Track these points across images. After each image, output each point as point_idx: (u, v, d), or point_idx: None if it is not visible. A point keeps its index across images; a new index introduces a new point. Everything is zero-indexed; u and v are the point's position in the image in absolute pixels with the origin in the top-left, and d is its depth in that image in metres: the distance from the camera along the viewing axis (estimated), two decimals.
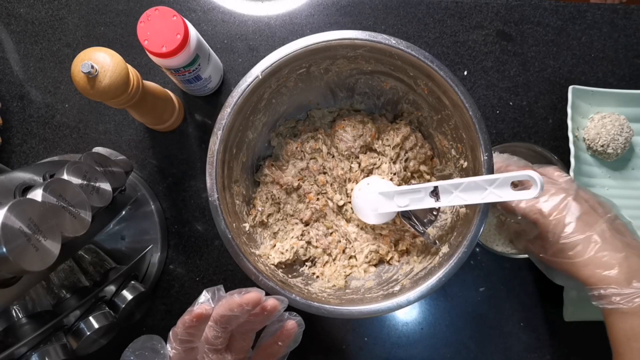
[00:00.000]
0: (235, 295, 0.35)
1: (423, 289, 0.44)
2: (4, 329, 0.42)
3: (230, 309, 0.35)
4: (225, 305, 0.35)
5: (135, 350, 0.36)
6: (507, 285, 0.59)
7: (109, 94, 0.42)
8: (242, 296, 0.35)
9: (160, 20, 0.46)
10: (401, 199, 0.48)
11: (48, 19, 0.62)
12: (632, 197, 0.59)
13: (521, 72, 0.62)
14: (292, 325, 0.39)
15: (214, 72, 0.56)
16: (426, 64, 0.45)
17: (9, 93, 0.61)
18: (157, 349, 0.36)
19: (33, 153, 0.60)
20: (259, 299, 0.35)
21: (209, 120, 0.61)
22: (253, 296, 0.35)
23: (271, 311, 0.36)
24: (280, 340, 0.39)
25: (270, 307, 0.36)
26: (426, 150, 0.55)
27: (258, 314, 0.36)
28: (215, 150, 0.45)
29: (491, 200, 0.41)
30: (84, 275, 0.51)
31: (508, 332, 0.58)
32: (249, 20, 0.62)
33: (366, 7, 0.62)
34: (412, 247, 0.54)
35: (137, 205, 0.57)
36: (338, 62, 0.49)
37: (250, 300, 0.35)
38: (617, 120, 0.57)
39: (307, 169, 0.55)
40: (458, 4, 0.62)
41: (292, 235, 0.54)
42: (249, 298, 0.35)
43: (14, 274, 0.33)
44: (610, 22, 0.62)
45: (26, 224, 0.30)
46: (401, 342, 0.58)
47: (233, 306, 0.35)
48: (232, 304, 0.35)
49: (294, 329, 0.39)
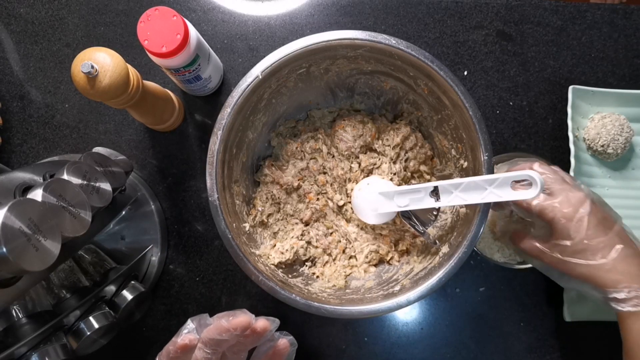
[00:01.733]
0: (223, 321, 0.35)
1: (423, 289, 0.44)
2: (4, 329, 0.42)
3: (218, 333, 0.34)
4: (213, 330, 0.34)
5: None
6: (507, 285, 0.59)
7: (109, 94, 0.42)
8: (230, 322, 0.34)
9: (160, 20, 0.46)
10: (401, 199, 0.48)
11: (48, 19, 0.62)
12: (632, 197, 0.59)
13: (521, 72, 0.62)
14: (285, 344, 0.38)
15: (214, 72, 0.56)
16: (426, 64, 0.45)
17: (9, 93, 0.61)
18: None
19: (33, 153, 0.60)
20: (247, 322, 0.35)
21: (209, 120, 0.61)
22: (241, 321, 0.34)
23: (261, 333, 0.36)
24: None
25: (261, 329, 0.36)
26: (426, 150, 0.55)
27: (248, 335, 0.36)
28: (215, 150, 0.45)
29: (491, 200, 0.41)
30: (84, 275, 0.51)
31: (508, 332, 0.58)
32: (249, 20, 0.62)
33: (366, 7, 0.62)
34: (412, 247, 0.54)
35: (137, 205, 0.57)
36: (338, 62, 0.49)
37: (239, 325, 0.34)
38: (617, 120, 0.57)
39: (307, 169, 0.55)
40: (458, 4, 0.62)
41: (292, 235, 0.54)
42: (237, 323, 0.34)
43: (14, 274, 0.33)
44: (610, 22, 0.62)
45: (26, 224, 0.30)
46: (401, 342, 0.58)
47: (221, 331, 0.34)
48: (220, 329, 0.34)
49: (286, 349, 0.39)
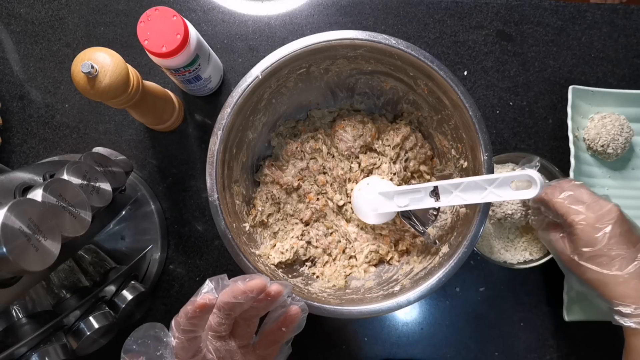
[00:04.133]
0: (239, 283, 0.35)
1: (423, 289, 0.44)
2: (4, 329, 0.42)
3: (234, 296, 0.34)
4: (229, 293, 0.35)
5: (137, 339, 0.35)
6: (507, 285, 0.59)
7: (109, 94, 0.42)
8: (246, 283, 0.34)
9: (160, 20, 0.46)
10: (401, 199, 0.48)
11: (48, 19, 0.62)
12: (632, 197, 0.59)
13: (521, 72, 0.62)
14: (296, 310, 0.39)
15: (214, 72, 0.56)
16: (426, 64, 0.45)
17: (9, 93, 0.61)
18: (159, 337, 0.35)
19: (33, 153, 0.60)
20: (263, 285, 0.35)
21: (209, 120, 0.61)
22: (257, 283, 0.34)
23: (275, 297, 0.36)
24: (284, 326, 0.39)
25: (275, 292, 0.36)
26: (426, 150, 0.55)
27: (262, 299, 0.36)
28: (215, 150, 0.45)
29: (491, 200, 0.41)
30: (84, 275, 0.51)
31: (508, 332, 0.58)
32: (249, 20, 0.62)
33: (366, 7, 0.62)
34: (412, 247, 0.54)
35: (137, 205, 0.57)
36: (338, 62, 0.49)
37: (255, 287, 0.34)
38: (617, 120, 0.57)
39: (307, 169, 0.55)
40: (458, 4, 0.62)
41: (292, 235, 0.54)
42: (253, 285, 0.34)
43: (14, 274, 0.33)
44: (610, 22, 0.62)
45: (26, 224, 0.30)
46: (401, 342, 0.58)
47: (237, 293, 0.34)
48: (236, 291, 0.34)
49: (297, 315, 0.39)
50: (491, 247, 0.56)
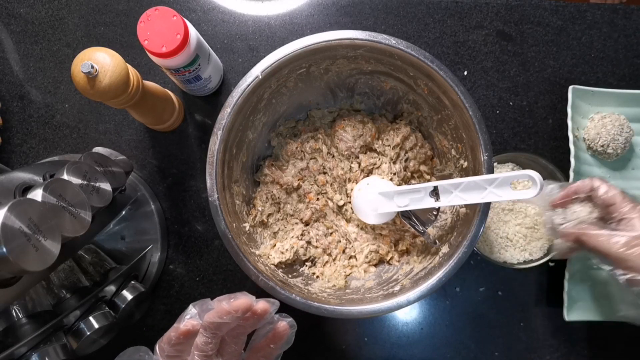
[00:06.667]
0: (224, 303, 0.34)
1: (423, 289, 0.44)
2: (4, 329, 0.42)
3: (219, 316, 0.34)
4: (214, 314, 0.34)
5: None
6: (507, 285, 0.59)
7: (109, 94, 0.42)
8: (231, 303, 0.34)
9: (160, 20, 0.46)
10: (401, 199, 0.48)
11: (48, 19, 0.62)
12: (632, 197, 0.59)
13: (521, 72, 0.62)
14: (284, 326, 0.38)
15: (214, 72, 0.56)
16: (426, 64, 0.45)
17: (9, 93, 0.61)
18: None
19: (33, 153, 0.60)
20: (249, 304, 0.34)
21: (209, 120, 0.61)
22: (242, 302, 0.34)
23: (262, 315, 0.36)
24: (273, 343, 0.38)
25: (261, 310, 0.35)
26: (426, 150, 0.55)
27: (248, 318, 0.35)
28: (215, 150, 0.45)
29: (491, 200, 0.41)
30: (84, 275, 0.51)
31: (508, 332, 0.58)
32: (249, 20, 0.62)
33: (366, 7, 0.62)
34: (412, 247, 0.54)
35: (137, 205, 0.57)
36: (338, 62, 0.49)
37: (240, 307, 0.34)
38: (617, 120, 0.57)
39: (307, 169, 0.55)
40: (458, 4, 0.62)
41: (292, 235, 0.54)
42: (238, 305, 0.34)
43: (14, 274, 0.33)
44: (610, 22, 0.62)
45: (26, 224, 0.30)
46: (401, 342, 0.58)
47: (222, 314, 0.34)
48: (221, 312, 0.34)
49: (286, 331, 0.38)
50: (491, 247, 0.56)
